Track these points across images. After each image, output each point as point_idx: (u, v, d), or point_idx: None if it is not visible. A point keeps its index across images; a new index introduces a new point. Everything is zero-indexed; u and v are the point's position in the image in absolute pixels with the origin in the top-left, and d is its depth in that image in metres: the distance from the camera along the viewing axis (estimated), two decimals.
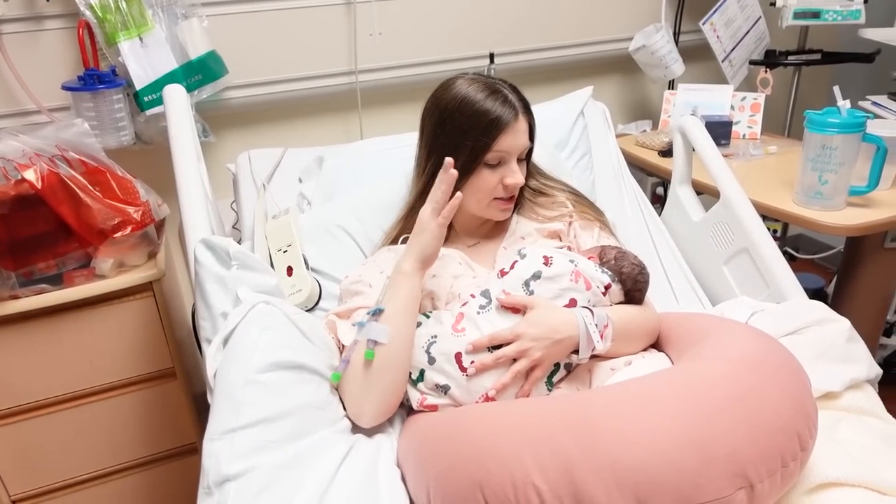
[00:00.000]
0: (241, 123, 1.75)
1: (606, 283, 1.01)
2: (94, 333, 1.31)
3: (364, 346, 0.94)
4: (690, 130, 1.43)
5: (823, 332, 1.06)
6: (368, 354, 0.93)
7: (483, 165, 1.08)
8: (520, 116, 1.08)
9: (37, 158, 1.23)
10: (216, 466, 0.76)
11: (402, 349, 0.95)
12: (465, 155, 1.07)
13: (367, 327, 0.94)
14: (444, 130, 1.09)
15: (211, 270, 0.95)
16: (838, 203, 1.43)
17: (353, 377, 0.95)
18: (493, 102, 1.06)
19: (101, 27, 1.41)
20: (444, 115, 1.09)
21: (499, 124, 1.06)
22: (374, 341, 0.93)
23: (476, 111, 1.06)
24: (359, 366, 0.94)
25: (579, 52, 2.03)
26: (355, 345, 0.96)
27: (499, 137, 1.06)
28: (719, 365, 0.81)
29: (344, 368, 0.95)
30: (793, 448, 0.74)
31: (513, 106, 1.08)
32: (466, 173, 1.09)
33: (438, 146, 1.10)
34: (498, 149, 1.07)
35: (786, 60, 2.06)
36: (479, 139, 1.06)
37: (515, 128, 1.07)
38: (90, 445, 1.38)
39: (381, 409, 0.95)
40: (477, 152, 1.07)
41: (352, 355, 0.95)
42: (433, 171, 1.11)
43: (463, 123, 1.06)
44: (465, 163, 1.07)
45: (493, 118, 1.05)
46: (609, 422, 0.73)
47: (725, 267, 1.36)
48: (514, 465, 0.71)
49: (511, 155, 1.09)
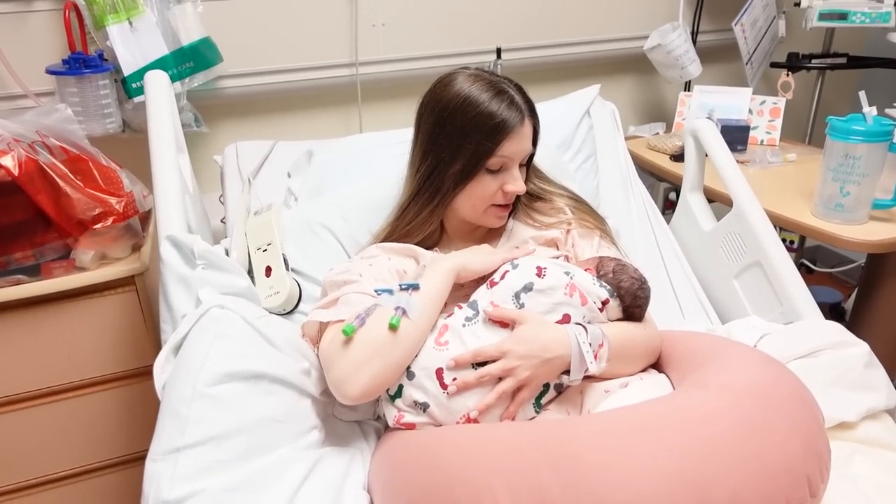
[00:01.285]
0: (237, 114, 1.70)
1: (604, 297, 0.94)
2: (73, 327, 1.27)
3: (386, 314, 0.87)
4: (703, 134, 1.35)
5: (839, 357, 0.99)
6: (394, 321, 0.86)
7: (484, 171, 1.02)
8: (525, 120, 1.02)
9: (15, 144, 1.18)
10: (157, 491, 0.70)
11: (421, 334, 0.89)
12: (466, 158, 1.01)
13: (399, 296, 0.89)
14: (443, 131, 1.02)
15: (174, 269, 0.90)
16: (860, 216, 1.35)
17: (364, 338, 0.86)
18: (498, 104, 0.99)
19: (90, 9, 1.37)
20: (444, 115, 1.02)
21: (504, 128, 0.99)
22: (404, 310, 0.87)
23: (480, 113, 0.99)
24: (374, 331, 0.86)
25: (591, 49, 1.95)
26: (375, 308, 0.88)
27: (503, 143, 1.00)
28: (721, 395, 0.74)
29: (360, 325, 0.87)
30: (801, 494, 0.66)
31: (519, 109, 1.01)
32: (465, 178, 1.03)
33: (437, 147, 1.03)
34: (501, 154, 1.01)
35: (809, 64, 1.97)
36: (482, 143, 0.99)
37: (521, 133, 1.01)
38: (69, 442, 1.34)
39: (375, 384, 0.86)
40: (479, 157, 1.00)
41: (369, 318, 0.88)
42: (428, 173, 1.06)
43: (465, 125, 1.00)
44: (466, 167, 1.01)
45: (499, 122, 0.99)
46: (595, 455, 0.66)
47: (736, 281, 1.29)
48: (485, 498, 0.64)
49: (514, 161, 1.03)
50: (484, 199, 1.04)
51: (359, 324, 0.87)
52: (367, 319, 0.87)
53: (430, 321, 0.91)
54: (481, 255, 0.99)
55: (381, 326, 0.86)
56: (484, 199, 1.05)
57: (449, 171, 1.03)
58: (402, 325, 0.86)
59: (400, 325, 0.86)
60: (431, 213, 1.08)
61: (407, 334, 0.87)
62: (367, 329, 0.87)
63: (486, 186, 1.03)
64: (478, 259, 0.98)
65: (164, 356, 0.83)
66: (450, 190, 1.04)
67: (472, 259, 0.98)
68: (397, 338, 0.86)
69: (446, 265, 0.95)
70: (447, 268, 0.95)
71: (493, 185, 1.03)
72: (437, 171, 1.04)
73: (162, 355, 0.83)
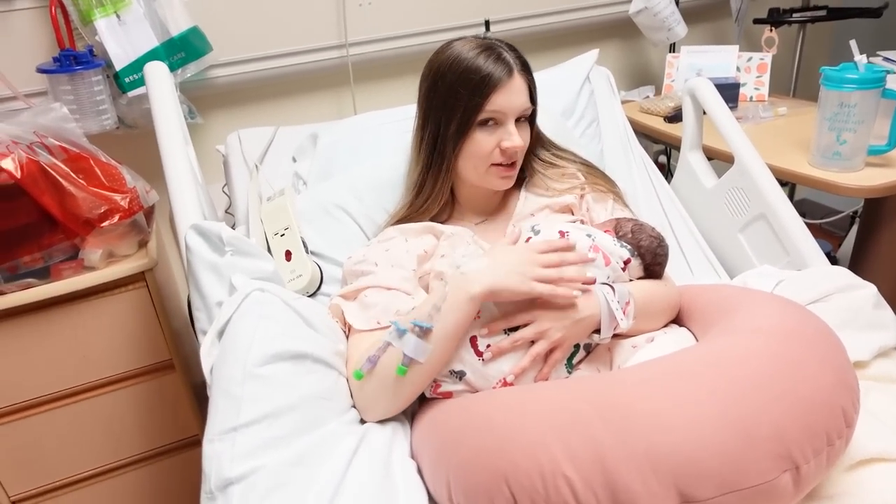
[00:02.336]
0: (230, 103, 1.68)
1: (626, 257, 0.95)
2: (86, 327, 1.26)
3: (397, 356, 0.85)
4: (701, 93, 1.37)
5: (849, 299, 1.01)
6: (400, 371, 0.84)
7: (477, 127, 1.02)
8: (515, 74, 1.01)
9: (14, 146, 1.16)
10: (218, 469, 0.71)
11: (436, 370, 0.87)
12: (458, 117, 1.01)
13: (408, 340, 0.84)
14: (436, 95, 1.03)
15: (203, 258, 0.89)
16: (857, 164, 1.38)
17: (374, 380, 0.87)
18: (485, 59, 1.00)
19: (76, 5, 1.33)
20: (437, 77, 1.03)
21: (490, 81, 0.99)
22: (412, 359, 0.84)
23: (466, 68, 1.00)
24: (384, 371, 0.86)
25: (578, 16, 1.95)
26: (387, 347, 0.87)
27: (491, 96, 0.99)
28: (752, 338, 0.76)
29: (369, 369, 0.87)
30: (838, 424, 0.69)
31: (507, 63, 1.01)
32: (460, 137, 1.02)
33: (433, 111, 1.05)
34: (491, 108, 1.00)
35: (790, 18, 1.99)
36: (471, 99, 1.00)
37: (510, 86, 1.00)
38: (89, 442, 1.34)
39: (391, 412, 0.89)
40: (469, 113, 1.01)
41: (381, 357, 0.87)
42: (432, 141, 1.06)
43: (454, 83, 1.00)
44: (459, 125, 1.02)
45: (485, 75, 0.99)
46: (642, 403, 0.68)
47: (741, 235, 1.31)
48: (541, 454, 0.66)
49: (507, 115, 1.02)
50: (482, 157, 1.04)
51: (368, 367, 0.87)
52: (377, 360, 0.87)
53: (445, 356, 0.87)
54: (517, 282, 0.86)
55: (389, 370, 0.86)
56: (482, 158, 1.04)
57: (447, 134, 1.03)
58: (410, 370, 0.85)
59: (408, 372, 0.85)
60: (442, 182, 1.09)
61: (417, 375, 0.86)
62: (376, 372, 0.87)
63: (482, 144, 1.03)
64: (511, 287, 0.86)
65: (209, 340, 0.83)
66: (451, 153, 1.04)
67: (505, 286, 0.86)
68: (405, 380, 0.86)
69: (473, 292, 0.85)
70: (472, 296, 0.85)
71: (489, 141, 1.03)
72: (439, 138, 1.05)
73: (207, 340, 0.84)
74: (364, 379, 0.88)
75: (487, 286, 0.85)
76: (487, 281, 0.85)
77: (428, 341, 0.84)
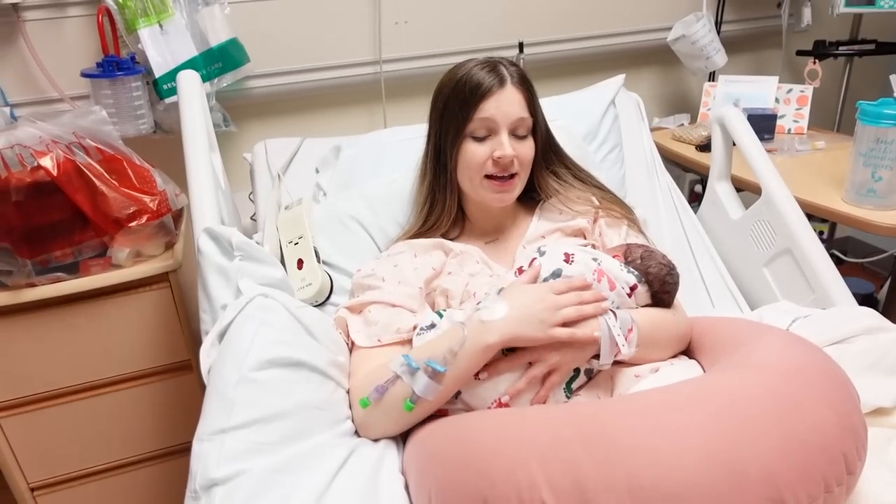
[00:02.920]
0: (264, 113, 1.72)
1: (632, 283, 0.93)
2: (109, 323, 1.30)
3: (405, 390, 0.85)
4: (730, 122, 1.34)
5: (874, 342, 0.97)
6: (408, 407, 0.84)
7: (469, 137, 1.04)
8: (508, 85, 1.03)
9: (53, 146, 1.22)
10: (204, 469, 0.72)
11: (440, 403, 0.87)
12: (453, 129, 1.04)
13: (419, 380, 0.83)
14: (436, 110, 1.07)
15: (213, 261, 0.91)
16: (893, 202, 1.33)
17: (380, 409, 0.87)
18: (479, 71, 1.03)
19: (122, 14, 1.40)
20: (438, 93, 1.07)
21: (479, 90, 1.01)
22: (419, 396, 0.84)
23: (459, 80, 1.03)
24: (392, 401, 0.86)
25: (614, 42, 1.95)
26: (396, 380, 0.86)
27: (480, 104, 1.01)
28: (754, 374, 0.74)
29: (376, 399, 0.86)
30: (837, 471, 0.66)
31: (499, 74, 1.03)
32: (454, 147, 1.04)
33: (433, 125, 1.08)
34: (480, 116, 1.01)
35: (836, 51, 1.94)
36: (462, 109, 1.02)
37: (500, 95, 1.02)
38: (106, 436, 1.38)
39: (389, 435, 0.89)
40: (461, 123, 1.03)
41: (389, 390, 0.86)
42: (434, 154, 1.09)
43: (449, 97, 1.04)
44: (454, 136, 1.04)
45: (474, 85, 1.01)
46: (627, 433, 0.66)
47: (766, 269, 1.27)
48: (520, 476, 0.65)
49: (499, 125, 1.02)
50: (475, 168, 1.04)
51: (375, 398, 0.87)
52: (384, 392, 0.86)
53: (451, 394, 0.87)
54: (536, 329, 0.84)
55: (396, 402, 0.85)
56: (475, 169, 1.04)
57: (445, 146, 1.06)
58: (417, 406, 0.85)
59: (414, 408, 0.85)
60: (447, 195, 1.10)
61: (422, 410, 0.86)
62: (383, 402, 0.87)
63: (475, 154, 1.03)
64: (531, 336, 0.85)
65: (209, 341, 0.85)
66: (449, 164, 1.07)
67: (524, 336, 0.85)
68: (411, 414, 0.86)
69: (488, 342, 0.84)
70: (488, 346, 0.84)
71: (481, 152, 1.03)
72: (440, 150, 1.08)
73: (207, 341, 0.85)
74: (369, 408, 0.88)
75: (506, 337, 0.84)
76: (506, 331, 0.84)
77: (438, 382, 0.84)
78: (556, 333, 0.84)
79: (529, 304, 0.86)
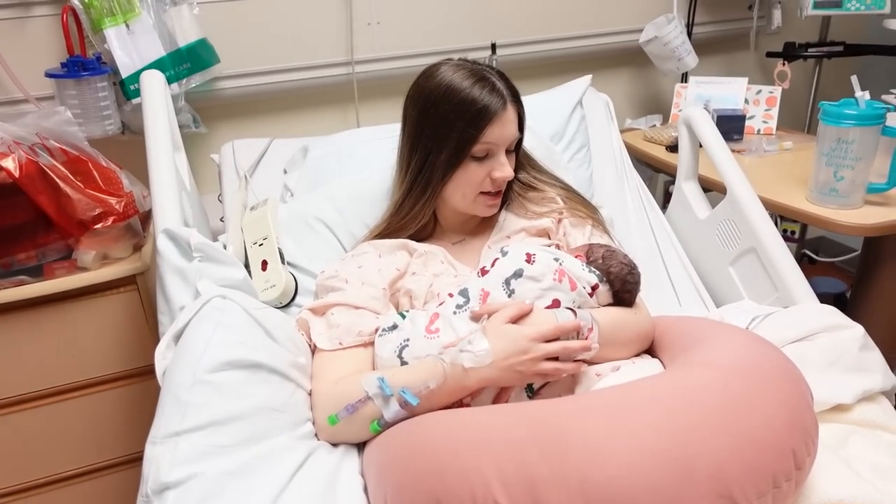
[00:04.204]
0: (235, 114, 1.71)
1: (593, 282, 0.94)
2: (76, 327, 1.28)
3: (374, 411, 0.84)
4: (696, 123, 1.36)
5: (834, 340, 0.98)
6: (374, 429, 0.84)
7: (470, 158, 1.03)
8: (508, 106, 1.03)
9: (15, 147, 1.20)
10: (156, 473, 0.71)
11: None
12: (451, 147, 1.02)
13: (391, 406, 0.83)
14: (428, 122, 1.04)
15: (171, 262, 0.91)
16: (855, 201, 1.35)
17: (344, 426, 0.87)
18: (480, 91, 1.01)
19: (87, 13, 1.39)
20: (428, 105, 1.03)
21: (486, 114, 1.00)
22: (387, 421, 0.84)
23: (462, 100, 1.00)
24: (359, 420, 0.85)
25: (587, 43, 1.96)
26: (367, 401, 0.85)
27: (486, 129, 1.01)
28: (705, 372, 0.74)
29: (345, 417, 0.86)
30: (786, 467, 0.67)
31: (501, 94, 1.02)
32: (452, 167, 1.03)
33: (423, 139, 1.05)
34: (486, 140, 1.01)
35: (805, 53, 1.96)
36: (465, 130, 1.00)
37: (504, 118, 1.02)
38: (74, 441, 1.36)
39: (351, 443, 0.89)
40: (463, 144, 1.01)
41: (360, 409, 0.85)
42: (419, 167, 1.07)
43: (448, 113, 1.01)
44: (451, 156, 1.02)
45: (481, 107, 1.00)
46: (579, 433, 0.66)
47: (732, 267, 1.29)
48: (474, 478, 0.65)
49: (499, 147, 1.03)
50: (472, 186, 1.05)
51: (345, 415, 0.86)
52: (355, 412, 0.85)
53: None
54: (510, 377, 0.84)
55: (363, 421, 0.85)
56: (472, 187, 1.05)
57: (437, 161, 1.04)
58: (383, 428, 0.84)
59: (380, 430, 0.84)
60: (424, 205, 1.09)
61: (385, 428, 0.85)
62: (351, 420, 0.86)
63: (474, 174, 1.04)
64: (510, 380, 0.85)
65: (165, 343, 0.84)
66: (439, 180, 1.05)
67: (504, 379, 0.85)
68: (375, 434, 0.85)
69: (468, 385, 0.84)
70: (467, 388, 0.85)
71: (480, 172, 1.04)
72: (427, 164, 1.05)
73: (163, 343, 0.85)
74: None
75: (484, 384, 0.85)
76: (485, 378, 0.84)
77: (408, 412, 0.83)
78: (530, 380, 0.85)
79: (514, 355, 0.83)
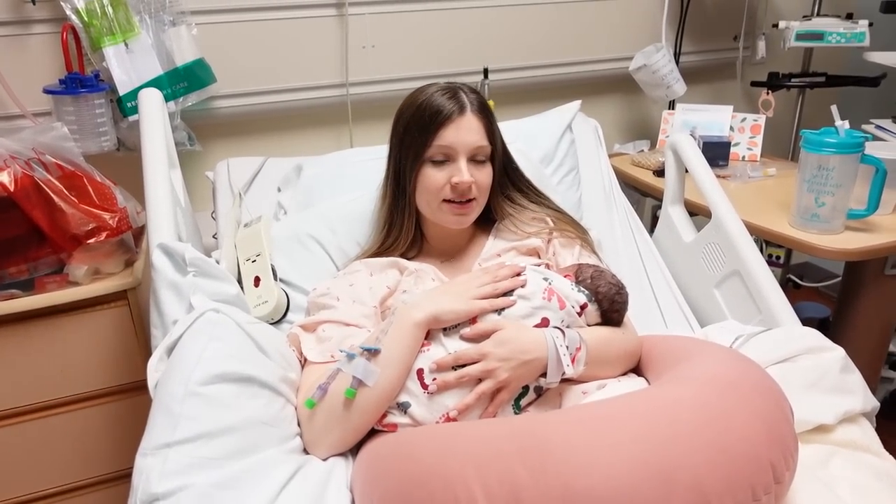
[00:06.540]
0: (230, 133, 1.73)
1: (582, 302, 0.96)
2: (66, 342, 1.28)
3: (347, 381, 0.86)
4: (682, 148, 1.39)
5: (816, 361, 1.00)
6: (349, 393, 0.85)
7: (428, 162, 1.06)
8: (468, 112, 1.05)
9: (11, 161, 1.21)
10: (146, 484, 0.71)
11: (385, 397, 0.87)
12: (413, 152, 1.06)
13: (356, 363, 0.86)
14: (396, 132, 1.09)
15: (166, 276, 0.92)
16: (836, 226, 1.38)
17: (324, 407, 0.88)
18: (440, 98, 1.05)
19: (87, 32, 1.41)
20: (399, 118, 1.09)
21: (438, 117, 1.04)
22: (360, 380, 0.85)
23: (419, 106, 1.05)
24: (335, 398, 0.87)
25: (578, 70, 2.00)
26: (337, 374, 0.88)
27: (439, 131, 1.04)
28: (689, 387, 0.76)
29: (320, 397, 0.88)
30: (765, 480, 0.68)
31: (460, 102, 1.05)
32: (413, 171, 1.07)
33: (394, 149, 1.10)
34: (439, 143, 1.04)
35: (788, 83, 2.02)
36: (421, 134, 1.05)
37: (460, 123, 1.04)
38: (60, 457, 1.34)
39: (341, 446, 0.90)
40: (420, 148, 1.05)
41: (331, 385, 0.88)
42: (394, 177, 1.11)
43: (409, 121, 1.06)
44: (412, 161, 1.06)
45: (434, 111, 1.04)
46: (562, 444, 0.68)
47: (716, 290, 1.31)
48: (458, 488, 0.66)
49: (457, 151, 1.05)
50: (433, 193, 1.07)
51: (319, 395, 0.88)
52: (328, 388, 0.88)
53: (394, 382, 0.88)
54: (457, 303, 0.92)
55: (339, 396, 0.87)
56: (433, 194, 1.07)
57: (405, 169, 1.08)
58: (359, 394, 0.86)
59: (357, 395, 0.86)
60: (404, 215, 1.12)
61: (366, 401, 0.86)
62: (327, 399, 0.88)
63: (433, 179, 1.06)
64: (452, 308, 0.91)
65: (157, 356, 0.85)
66: (406, 187, 1.09)
67: (446, 308, 0.91)
68: (355, 406, 0.86)
69: (415, 318, 0.89)
70: (416, 322, 0.89)
71: (439, 177, 1.06)
72: (399, 173, 1.10)
73: (156, 355, 0.85)
74: (315, 408, 0.89)
75: (430, 312, 0.91)
76: (429, 308, 0.91)
77: (375, 364, 0.86)
78: (476, 304, 0.92)
79: (450, 286, 0.96)
